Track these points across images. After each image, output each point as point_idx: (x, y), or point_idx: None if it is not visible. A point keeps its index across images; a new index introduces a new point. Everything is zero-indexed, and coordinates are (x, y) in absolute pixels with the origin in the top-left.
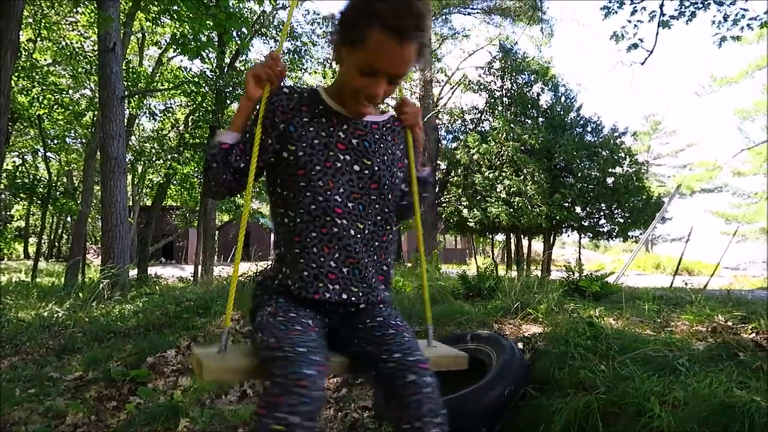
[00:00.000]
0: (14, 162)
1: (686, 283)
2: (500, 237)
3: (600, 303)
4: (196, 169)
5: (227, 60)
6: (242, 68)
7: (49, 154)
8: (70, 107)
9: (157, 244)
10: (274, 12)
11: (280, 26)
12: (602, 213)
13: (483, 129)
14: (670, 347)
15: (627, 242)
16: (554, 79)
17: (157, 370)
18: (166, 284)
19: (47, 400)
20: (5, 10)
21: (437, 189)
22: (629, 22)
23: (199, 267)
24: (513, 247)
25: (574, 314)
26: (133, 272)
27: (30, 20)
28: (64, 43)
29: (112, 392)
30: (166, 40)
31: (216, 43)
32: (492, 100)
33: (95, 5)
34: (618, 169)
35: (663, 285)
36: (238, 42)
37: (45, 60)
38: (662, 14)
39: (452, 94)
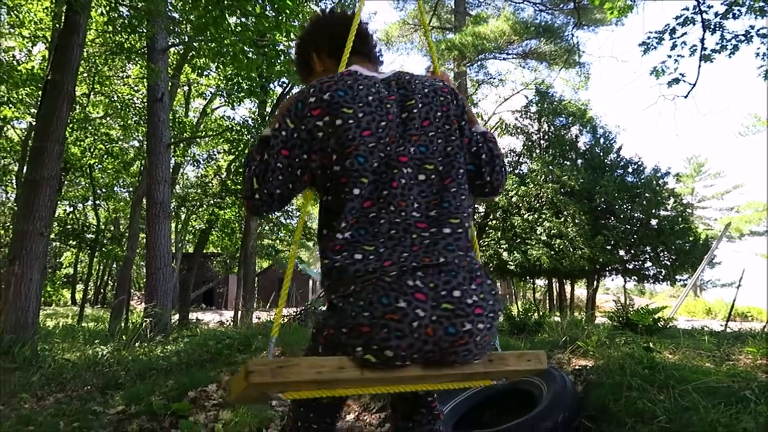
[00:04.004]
0: (65, 210)
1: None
2: (541, 282)
3: (653, 337)
4: (237, 214)
5: (268, 109)
6: None
7: (97, 202)
8: (119, 157)
9: (198, 290)
10: None
11: None
12: (647, 255)
13: (521, 171)
14: (733, 378)
15: (674, 287)
16: (592, 121)
17: (198, 404)
18: (206, 328)
19: None
20: (62, 63)
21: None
22: (669, 57)
23: (239, 312)
24: (555, 292)
25: (627, 346)
26: (175, 317)
27: (85, 75)
28: (115, 96)
29: (153, 425)
30: (210, 92)
31: (259, 92)
32: (529, 143)
33: (146, 58)
34: (662, 211)
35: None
36: (286, 82)
37: (97, 113)
38: (703, 48)
39: None
